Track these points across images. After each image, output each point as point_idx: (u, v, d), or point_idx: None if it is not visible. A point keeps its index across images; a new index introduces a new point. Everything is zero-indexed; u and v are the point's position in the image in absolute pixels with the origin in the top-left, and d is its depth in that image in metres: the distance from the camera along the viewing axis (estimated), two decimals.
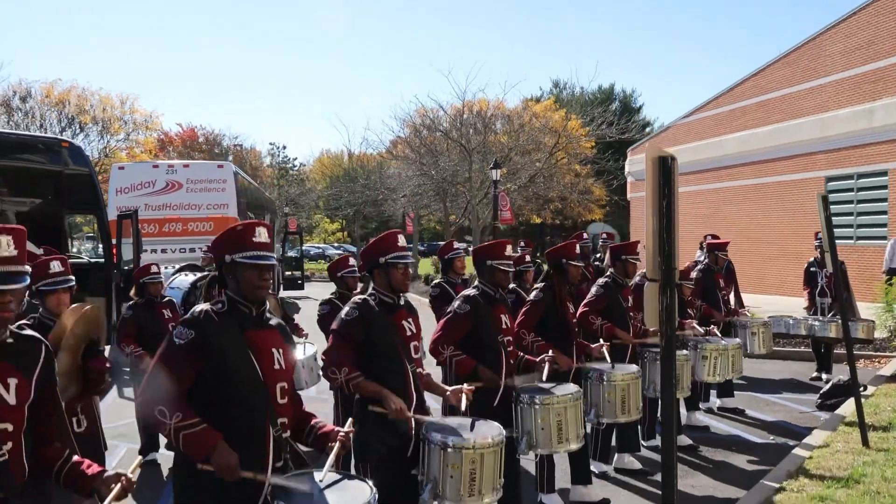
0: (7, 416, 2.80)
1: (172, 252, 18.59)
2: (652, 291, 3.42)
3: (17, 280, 2.79)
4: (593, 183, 37.26)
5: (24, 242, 2.88)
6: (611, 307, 7.04)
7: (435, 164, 31.42)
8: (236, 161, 49.84)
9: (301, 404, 3.73)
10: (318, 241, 68.88)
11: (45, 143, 16.03)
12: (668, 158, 3.39)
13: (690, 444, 8.11)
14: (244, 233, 3.48)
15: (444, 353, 5.21)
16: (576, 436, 5.28)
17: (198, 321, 3.39)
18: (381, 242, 4.53)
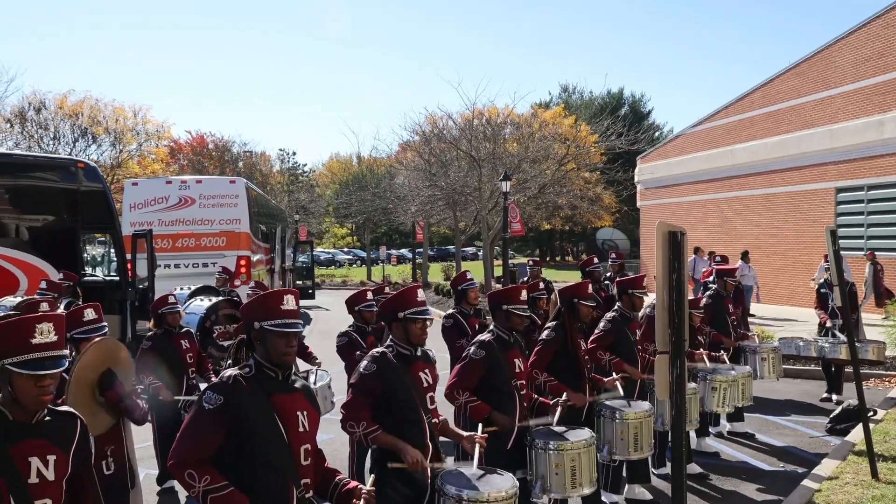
0: (47, 492, 2.97)
1: (186, 267, 18.79)
2: (662, 363, 3.53)
3: (57, 365, 2.95)
4: (603, 190, 37.29)
5: (63, 328, 3.05)
6: (619, 342, 7.13)
7: (444, 175, 31.51)
8: (246, 167, 50.14)
9: (324, 460, 3.87)
10: (327, 247, 69.18)
11: (61, 163, 16.25)
12: (678, 233, 3.50)
13: (700, 472, 8.19)
14: (273, 301, 3.61)
15: (459, 399, 5.34)
16: (589, 480, 5.39)
17: (226, 387, 3.52)
18: (400, 298, 4.65)
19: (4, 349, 2.91)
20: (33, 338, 2.91)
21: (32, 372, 2.89)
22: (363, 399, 4.49)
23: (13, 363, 2.88)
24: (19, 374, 2.89)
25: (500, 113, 33.85)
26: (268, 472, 3.50)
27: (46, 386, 2.95)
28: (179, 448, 3.46)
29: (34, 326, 2.92)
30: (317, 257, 44.55)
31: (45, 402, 2.99)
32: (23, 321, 2.95)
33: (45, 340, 2.93)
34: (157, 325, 8.17)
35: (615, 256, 13.87)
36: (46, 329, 2.94)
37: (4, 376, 2.91)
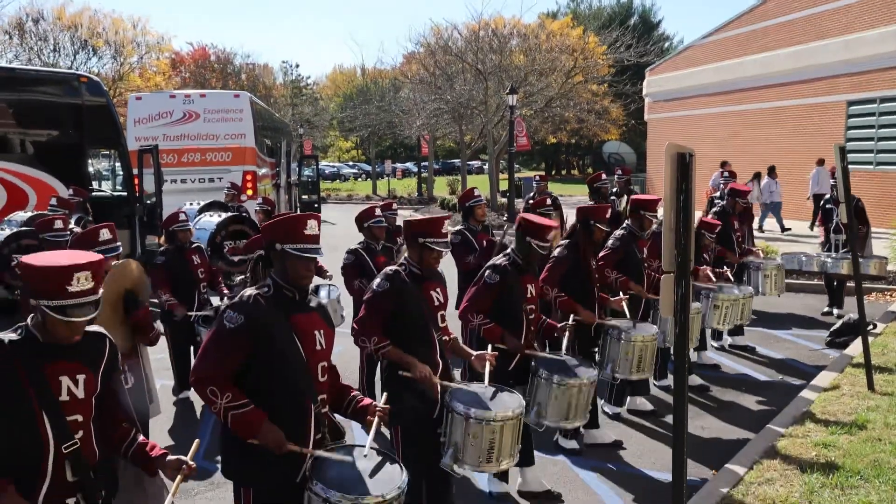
0: (78, 409, 3.11)
1: (192, 182, 18.80)
2: (667, 283, 3.61)
3: (93, 311, 3.06)
4: (610, 103, 36.89)
5: (102, 273, 3.15)
6: (626, 260, 7.21)
7: (450, 88, 31.16)
8: (249, 80, 49.55)
9: (338, 377, 4.00)
10: (332, 160, 68.90)
11: (64, 77, 16.11)
12: (687, 154, 3.53)
13: (701, 384, 8.39)
14: (297, 224, 3.66)
15: (473, 321, 5.47)
16: (583, 414, 5.58)
17: (246, 305, 3.60)
18: (427, 224, 4.70)
19: (41, 291, 2.99)
20: (70, 285, 2.98)
21: (64, 318, 2.99)
22: (375, 315, 4.61)
23: (49, 306, 2.97)
24: (55, 318, 2.99)
25: (506, 24, 33.29)
26: (286, 389, 3.62)
27: (77, 328, 3.06)
28: (201, 365, 3.58)
29: (73, 275, 2.99)
30: (322, 171, 44.41)
31: (75, 340, 3.10)
32: (63, 269, 3.00)
33: (80, 288, 3.00)
34: (169, 242, 8.28)
35: (621, 172, 13.80)
36: (84, 277, 3.02)
37: (40, 311, 3.02)
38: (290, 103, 51.94)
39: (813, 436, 6.50)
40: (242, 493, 3.70)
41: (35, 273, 3.04)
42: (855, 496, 5.31)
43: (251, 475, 3.65)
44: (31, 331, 3.08)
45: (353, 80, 63.56)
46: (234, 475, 3.74)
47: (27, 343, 3.05)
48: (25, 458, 3.02)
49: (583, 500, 5.82)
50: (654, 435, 7.16)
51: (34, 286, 3.03)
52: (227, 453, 3.77)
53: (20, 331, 3.09)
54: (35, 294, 3.01)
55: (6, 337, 3.05)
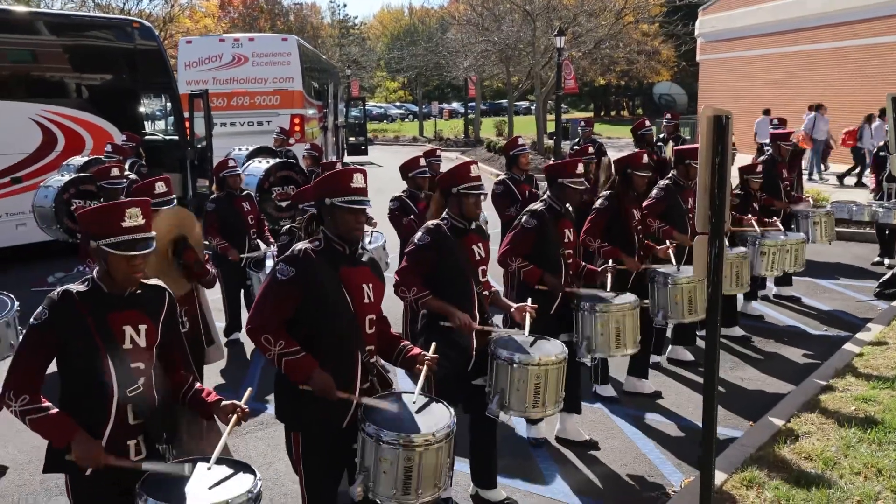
0: (140, 357, 3.32)
1: (241, 125, 19.05)
2: (701, 244, 3.66)
3: (146, 247, 3.25)
4: (661, 44, 36.10)
5: (150, 212, 3.34)
6: (670, 210, 7.19)
7: (497, 29, 30.77)
8: (296, 20, 49.46)
9: (389, 326, 4.14)
10: (379, 101, 68.75)
11: (117, 23, 16.33)
12: (724, 117, 3.55)
13: (743, 334, 8.41)
14: (344, 178, 3.79)
15: (512, 265, 5.57)
16: (633, 341, 5.68)
17: (298, 259, 3.75)
18: (455, 172, 4.79)
19: (98, 231, 3.20)
20: (123, 221, 3.18)
21: (124, 252, 3.18)
22: (416, 267, 4.73)
23: (106, 244, 3.17)
24: (113, 253, 3.18)
25: None
26: (334, 340, 3.78)
27: (137, 265, 3.25)
28: (255, 315, 3.76)
29: (124, 211, 3.19)
30: (369, 112, 44.41)
31: (137, 279, 3.31)
32: (114, 206, 3.23)
33: (134, 224, 3.21)
34: (219, 188, 8.46)
35: (670, 117, 13.56)
36: (135, 213, 3.22)
37: (101, 255, 3.22)
38: (337, 44, 51.82)
39: (854, 390, 6.53)
40: (292, 436, 3.90)
41: (91, 215, 3.28)
42: (893, 452, 5.34)
43: (301, 420, 3.85)
44: (97, 282, 3.28)
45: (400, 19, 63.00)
46: (285, 419, 3.94)
47: (94, 293, 3.25)
48: (93, 402, 3.24)
49: (619, 449, 5.95)
50: (693, 385, 7.23)
51: (92, 229, 3.24)
52: (280, 398, 3.95)
53: (87, 282, 3.29)
54: (94, 236, 3.21)
55: (75, 288, 3.26)
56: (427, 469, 3.57)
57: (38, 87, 13.30)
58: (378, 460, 3.55)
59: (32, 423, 3.16)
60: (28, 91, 13.01)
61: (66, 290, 3.24)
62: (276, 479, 5.42)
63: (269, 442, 6.00)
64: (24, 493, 5.44)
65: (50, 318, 3.17)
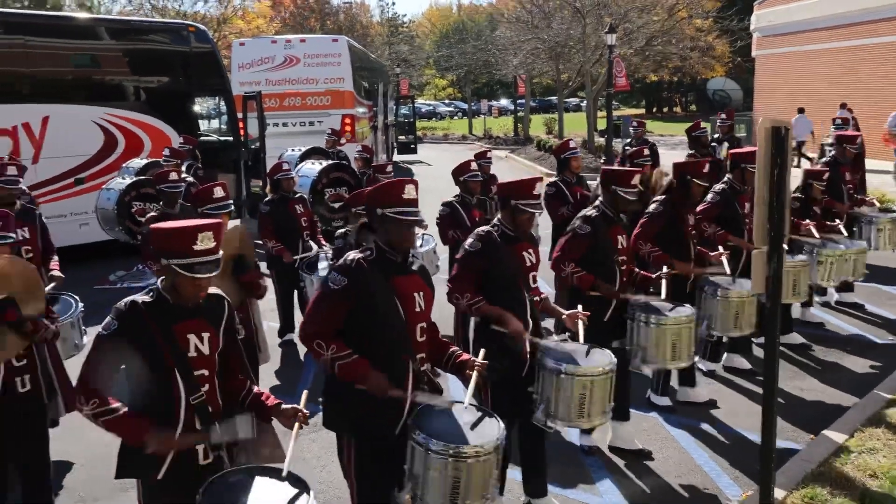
0: (204, 364, 3.42)
1: (293, 126, 19.25)
2: (759, 259, 3.59)
3: (213, 270, 3.35)
4: (715, 40, 35.49)
5: (221, 235, 3.43)
6: (726, 214, 7.07)
7: (547, 27, 30.56)
8: (346, 20, 49.72)
9: (437, 332, 4.17)
10: (428, 98, 68.80)
11: (173, 27, 16.64)
12: (782, 129, 3.48)
13: (803, 342, 8.22)
14: (395, 189, 3.84)
15: (565, 270, 5.53)
16: (688, 355, 5.60)
17: (350, 269, 3.81)
18: (519, 186, 4.77)
19: (170, 251, 3.30)
20: (196, 244, 3.28)
21: (192, 275, 3.29)
22: (467, 274, 4.74)
23: (177, 264, 3.28)
24: (182, 274, 3.29)
25: None
26: (386, 348, 3.82)
27: (203, 285, 3.37)
28: (308, 322, 3.84)
29: (197, 234, 3.29)
30: (418, 109, 44.48)
31: (201, 297, 3.42)
32: (189, 229, 3.32)
33: (205, 247, 3.30)
34: (273, 191, 8.58)
35: (725, 117, 13.30)
36: (207, 237, 3.31)
37: (169, 272, 3.33)
38: (386, 42, 51.96)
39: None
40: (344, 442, 3.96)
41: (164, 234, 3.36)
42: None
43: (353, 426, 3.90)
44: (162, 293, 3.38)
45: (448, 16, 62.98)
46: (336, 426, 3.99)
47: (159, 304, 3.36)
48: (160, 409, 3.35)
49: (674, 459, 5.88)
50: (749, 395, 7.08)
51: (163, 247, 3.33)
52: (330, 406, 4.00)
53: (152, 293, 3.40)
54: (165, 254, 3.30)
55: (140, 299, 3.36)
56: (475, 480, 3.59)
57: (99, 90, 13.65)
58: (427, 469, 3.59)
59: (106, 424, 3.28)
60: (90, 95, 13.36)
61: (133, 300, 3.35)
62: (330, 481, 5.46)
63: (322, 444, 6.04)
64: (93, 489, 5.58)
65: (118, 329, 3.29)
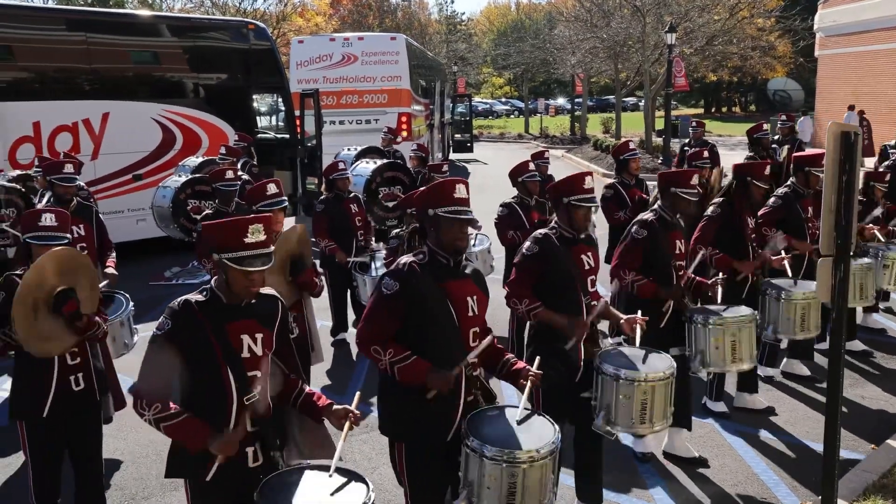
0: (257, 364, 3.40)
1: (350, 124, 19.40)
2: (825, 267, 3.49)
3: (265, 262, 3.33)
4: (777, 39, 34.73)
5: (271, 228, 3.42)
6: (789, 219, 6.90)
7: (606, 25, 30.25)
8: (404, 17, 49.91)
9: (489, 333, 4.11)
10: (485, 97, 68.75)
11: (234, 25, 16.87)
12: (852, 134, 3.36)
13: (864, 349, 8.02)
14: (446, 189, 3.81)
15: (626, 279, 5.45)
16: (749, 356, 5.48)
17: (402, 273, 3.79)
18: (568, 183, 4.71)
19: (221, 245, 3.29)
20: (246, 237, 3.27)
21: (244, 268, 3.27)
22: (526, 278, 4.69)
23: (228, 258, 3.26)
24: (234, 268, 3.27)
25: None
26: (438, 353, 3.78)
27: (255, 280, 3.34)
28: (363, 329, 3.82)
29: (247, 227, 3.28)
30: (474, 108, 44.44)
31: (254, 293, 3.40)
32: (239, 222, 3.31)
33: (256, 240, 3.29)
34: (329, 190, 8.62)
35: (785, 118, 12.99)
36: (257, 230, 3.30)
37: (221, 267, 3.32)
38: (444, 40, 52.01)
39: None
40: (397, 447, 3.93)
41: (215, 229, 3.38)
42: None
43: (405, 431, 3.87)
44: (216, 292, 3.38)
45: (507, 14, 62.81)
46: (389, 431, 3.97)
47: (212, 303, 3.36)
48: (213, 409, 3.34)
49: (730, 468, 5.75)
50: (808, 402, 6.93)
51: (215, 242, 3.33)
52: (384, 410, 3.99)
53: (206, 292, 3.40)
54: (216, 249, 3.30)
55: (194, 298, 3.36)
56: (531, 485, 3.55)
57: (158, 87, 13.84)
58: (482, 475, 3.55)
59: (167, 430, 3.28)
60: (150, 91, 13.56)
61: (187, 300, 3.34)
62: (381, 484, 5.46)
63: (374, 446, 6.06)
64: (143, 487, 5.67)
65: (172, 329, 3.28)
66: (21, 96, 11.84)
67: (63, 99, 12.35)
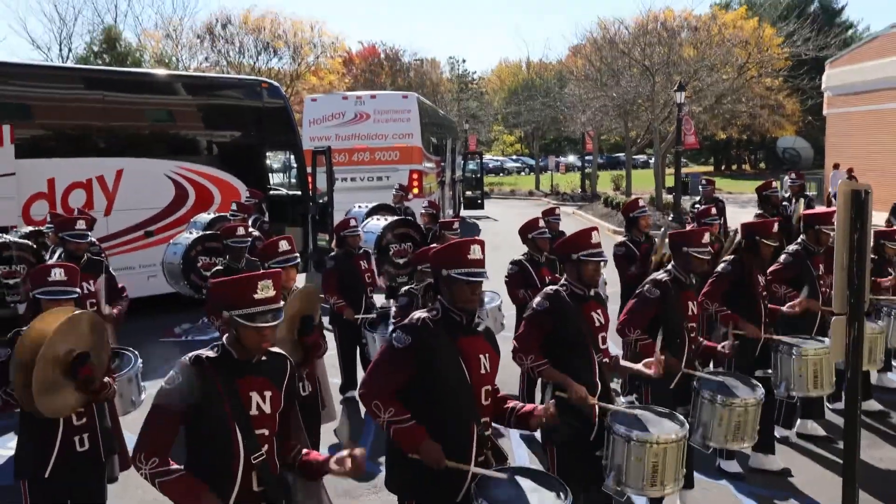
0: (264, 423, 3.38)
1: (361, 180, 19.54)
2: (839, 325, 3.45)
3: (276, 318, 3.34)
4: (785, 98, 35.04)
5: (280, 285, 3.43)
6: (801, 277, 6.86)
7: (616, 84, 30.61)
8: (416, 76, 50.65)
9: (498, 391, 4.08)
10: (496, 154, 69.31)
11: (248, 83, 17.13)
12: (863, 192, 3.36)
13: (880, 409, 7.91)
14: (461, 249, 3.82)
15: (630, 336, 5.42)
16: (751, 435, 5.37)
17: (415, 328, 3.79)
18: (575, 239, 4.72)
19: (231, 303, 3.30)
20: (256, 293, 3.28)
21: (255, 324, 3.27)
22: (534, 333, 4.66)
23: (239, 315, 3.27)
24: (245, 325, 3.28)
25: (676, 16, 32.30)
26: (450, 410, 3.75)
27: (267, 335, 3.34)
28: (368, 381, 3.81)
29: (257, 283, 3.29)
30: (485, 165, 44.81)
31: (265, 349, 3.40)
32: (248, 279, 3.33)
33: (265, 296, 3.30)
34: (339, 246, 8.64)
35: (794, 177, 13.05)
36: (266, 286, 3.31)
37: (232, 324, 3.32)
38: (455, 98, 52.75)
39: None
40: None
41: (224, 286, 3.40)
42: None
43: (415, 491, 3.82)
44: (227, 348, 3.38)
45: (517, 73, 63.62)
46: (397, 488, 3.92)
47: (223, 360, 3.35)
48: (219, 467, 3.31)
49: None
50: (824, 462, 6.81)
51: (225, 299, 3.34)
52: (392, 468, 3.95)
53: (217, 348, 3.39)
54: (226, 306, 3.31)
55: (205, 354, 3.36)
56: None
57: (173, 144, 14.02)
58: None
59: (162, 486, 3.23)
60: (164, 148, 13.73)
61: (198, 356, 3.34)
62: None
63: (385, 501, 5.95)
64: None
65: (182, 383, 3.27)
66: (37, 154, 11.97)
67: (78, 156, 12.51)
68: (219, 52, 38.71)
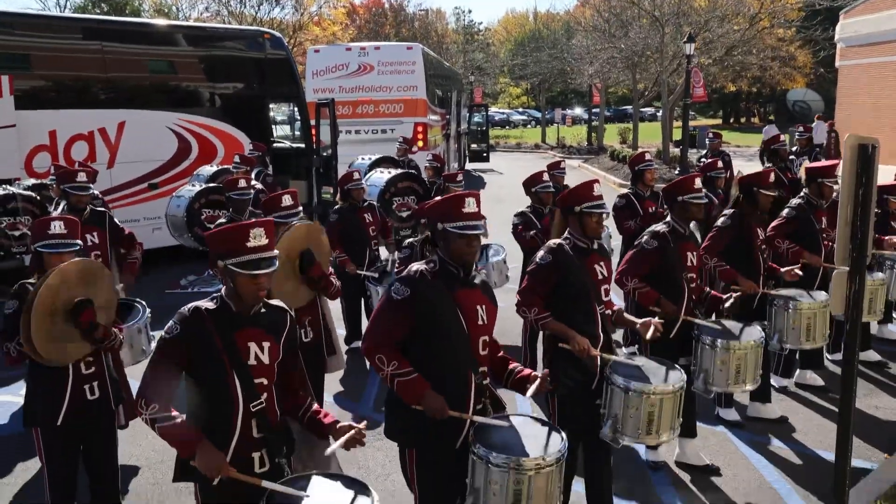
0: (262, 373, 3.45)
1: (365, 133, 19.48)
2: (840, 279, 3.46)
3: (269, 265, 3.37)
4: (797, 49, 34.56)
5: (273, 232, 3.47)
6: (802, 230, 6.87)
7: (624, 35, 30.23)
8: (421, 27, 50.16)
9: (499, 349, 4.14)
10: (502, 106, 68.82)
11: (249, 34, 16.98)
12: (870, 147, 3.34)
13: (878, 359, 7.97)
14: (456, 203, 3.82)
15: (627, 285, 5.45)
16: (752, 378, 5.42)
17: (413, 280, 3.82)
18: (577, 192, 4.72)
19: (225, 251, 3.35)
20: (248, 241, 3.32)
21: (249, 272, 3.32)
22: (537, 287, 4.68)
23: (233, 263, 3.31)
24: (239, 273, 3.32)
25: None
26: (448, 360, 3.81)
27: (262, 283, 3.38)
28: (370, 334, 3.86)
29: (248, 231, 3.33)
30: (491, 118, 44.50)
31: (261, 297, 3.44)
32: (239, 227, 3.37)
33: (258, 244, 3.34)
34: (343, 200, 8.62)
35: (802, 130, 12.96)
36: (258, 234, 3.35)
37: (228, 274, 3.36)
38: (461, 50, 52.27)
39: None
40: (407, 453, 3.95)
41: (217, 236, 3.44)
42: None
43: (415, 438, 3.89)
44: (225, 300, 3.42)
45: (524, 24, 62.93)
46: (398, 437, 3.99)
47: (222, 311, 3.40)
48: (219, 415, 3.38)
49: (742, 477, 5.72)
50: (822, 412, 6.87)
51: (219, 249, 3.38)
52: (391, 416, 4.01)
53: (216, 300, 3.44)
54: (221, 256, 3.35)
55: (204, 305, 3.41)
56: (537, 493, 3.56)
57: (174, 96, 13.92)
58: (488, 482, 3.57)
59: (161, 431, 3.31)
60: (166, 100, 13.64)
61: (196, 307, 3.39)
62: (394, 490, 5.44)
63: (387, 453, 6.02)
64: (158, 492, 5.69)
65: (180, 333, 3.33)
66: (37, 105, 11.92)
67: (79, 108, 12.45)
68: (219, 1, 38.29)
